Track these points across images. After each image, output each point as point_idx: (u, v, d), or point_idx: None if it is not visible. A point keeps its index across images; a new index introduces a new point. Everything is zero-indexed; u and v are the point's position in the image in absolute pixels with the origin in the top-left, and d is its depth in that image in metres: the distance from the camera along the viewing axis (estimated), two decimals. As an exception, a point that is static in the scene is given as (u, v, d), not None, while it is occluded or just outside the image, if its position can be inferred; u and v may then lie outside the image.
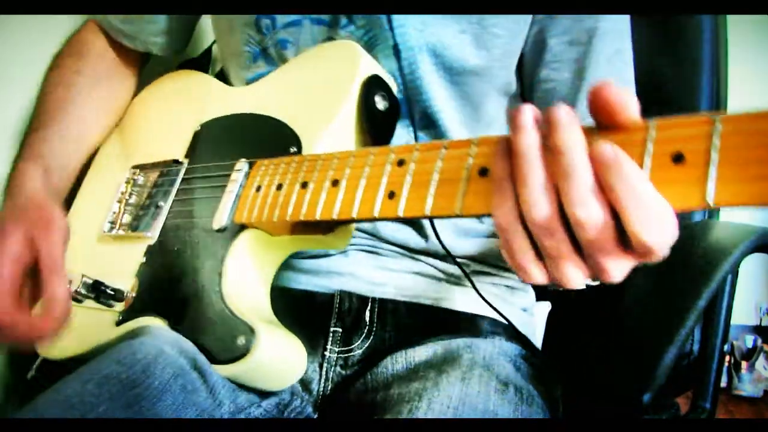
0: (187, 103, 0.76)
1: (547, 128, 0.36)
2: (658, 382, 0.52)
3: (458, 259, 0.68)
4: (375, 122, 0.57)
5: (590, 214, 0.34)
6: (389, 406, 0.55)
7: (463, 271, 0.64)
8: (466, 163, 0.42)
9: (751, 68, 1.73)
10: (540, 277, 0.38)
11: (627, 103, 0.34)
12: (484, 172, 0.41)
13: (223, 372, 0.51)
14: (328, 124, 0.57)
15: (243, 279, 0.56)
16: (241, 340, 0.50)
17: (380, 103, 0.57)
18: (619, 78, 0.65)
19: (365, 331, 0.65)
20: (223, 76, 0.80)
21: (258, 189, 0.56)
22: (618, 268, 0.36)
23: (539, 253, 0.38)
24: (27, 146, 0.71)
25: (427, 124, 0.66)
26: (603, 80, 0.56)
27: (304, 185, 0.52)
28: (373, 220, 0.47)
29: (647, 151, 0.34)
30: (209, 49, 0.94)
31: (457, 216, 0.42)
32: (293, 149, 0.57)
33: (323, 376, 0.63)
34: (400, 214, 0.44)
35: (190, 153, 0.69)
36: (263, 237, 0.57)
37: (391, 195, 0.46)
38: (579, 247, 0.36)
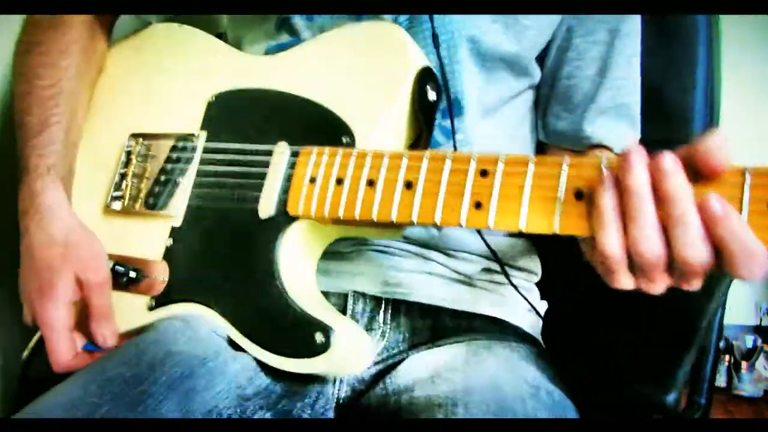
0: (191, 65, 0.70)
1: (656, 173, 0.40)
2: (681, 381, 0.59)
3: (465, 254, 0.70)
4: (427, 114, 0.58)
5: (697, 256, 0.39)
6: (417, 409, 0.55)
7: (505, 272, 0.68)
8: (559, 183, 0.46)
9: (749, 69, 1.76)
10: (630, 286, 0.43)
11: (727, 158, 0.39)
12: (580, 195, 0.45)
13: (296, 367, 0.53)
14: (382, 116, 0.57)
15: (298, 270, 0.57)
16: (319, 337, 0.52)
17: (431, 94, 0.58)
18: (635, 78, 0.70)
19: (379, 332, 0.66)
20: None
21: (312, 180, 0.56)
22: (700, 280, 0.42)
23: (632, 267, 0.43)
24: (34, 155, 0.64)
25: (454, 112, 0.66)
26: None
27: (371, 183, 0.53)
28: (458, 227, 0.50)
29: (745, 197, 0.40)
30: None
31: (553, 234, 0.46)
32: (346, 140, 0.57)
33: (338, 379, 0.64)
34: (491, 225, 0.47)
35: (206, 125, 0.66)
36: (314, 226, 0.58)
37: (478, 205, 0.48)
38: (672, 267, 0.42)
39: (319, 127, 0.59)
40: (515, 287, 0.70)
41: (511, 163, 0.48)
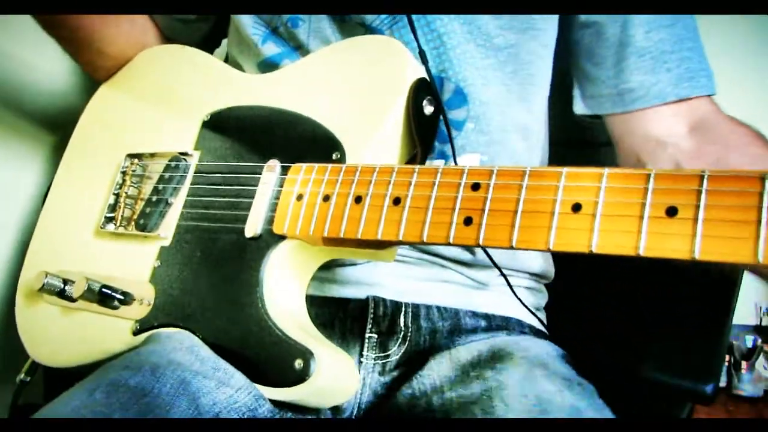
0: (188, 85, 0.69)
1: None
2: (718, 371, 0.55)
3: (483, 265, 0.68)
4: (423, 129, 0.55)
5: None
6: (451, 409, 0.53)
7: (506, 279, 0.64)
8: (557, 197, 0.41)
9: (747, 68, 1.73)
10: None
11: None
12: (577, 207, 0.41)
13: (273, 394, 0.49)
14: (375, 132, 0.54)
15: (284, 293, 0.54)
16: (298, 364, 0.48)
17: (427, 108, 0.55)
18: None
19: (401, 335, 0.64)
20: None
21: (299, 198, 0.53)
22: None
23: None
24: None
25: (458, 102, 0.63)
26: None
27: (358, 200, 0.50)
28: (446, 245, 0.46)
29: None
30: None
31: (547, 250, 0.41)
32: (336, 155, 0.54)
33: (361, 383, 0.62)
34: (481, 242, 0.43)
35: (200, 145, 0.64)
36: (302, 247, 0.55)
37: (468, 221, 0.44)
38: None
39: (309, 142, 0.56)
40: (518, 297, 0.67)
41: (505, 174, 0.44)
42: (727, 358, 2.20)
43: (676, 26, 0.63)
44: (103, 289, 0.60)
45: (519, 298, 0.66)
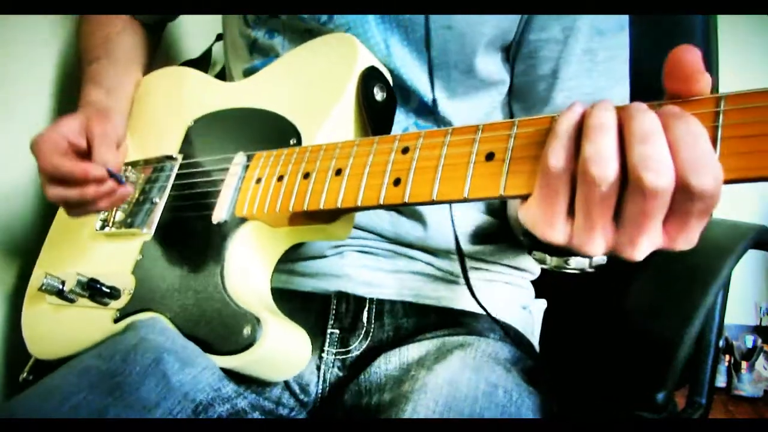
0: (177, 100, 0.75)
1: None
2: (671, 380, 0.53)
3: (452, 254, 0.68)
4: (374, 113, 0.58)
5: (658, 180, 0.32)
6: (382, 411, 0.54)
7: (463, 265, 0.64)
8: (473, 148, 0.43)
9: (741, 66, 1.72)
10: (562, 236, 0.37)
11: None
12: (490, 156, 0.42)
13: (226, 363, 0.51)
14: (327, 116, 0.57)
15: (244, 271, 0.56)
16: (246, 331, 0.50)
17: (378, 94, 0.58)
18: (586, 77, 0.64)
19: (363, 332, 0.64)
20: (223, 77, 0.80)
21: (258, 181, 0.56)
22: (648, 245, 0.35)
23: (571, 213, 0.37)
24: (87, 76, 0.77)
25: (426, 110, 0.66)
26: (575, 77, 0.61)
27: (306, 176, 0.52)
28: (378, 207, 0.47)
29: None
30: (209, 51, 0.93)
31: (464, 200, 0.42)
32: (293, 141, 0.57)
33: (321, 378, 0.63)
34: (406, 200, 0.45)
35: (184, 148, 0.69)
36: (264, 229, 0.57)
37: (397, 182, 0.46)
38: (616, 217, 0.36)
39: (270, 132, 0.60)
40: (470, 287, 0.63)
41: (430, 136, 0.46)
42: (727, 358, 2.15)
43: (594, 95, 0.65)
44: (91, 283, 0.64)
45: (472, 291, 0.64)
